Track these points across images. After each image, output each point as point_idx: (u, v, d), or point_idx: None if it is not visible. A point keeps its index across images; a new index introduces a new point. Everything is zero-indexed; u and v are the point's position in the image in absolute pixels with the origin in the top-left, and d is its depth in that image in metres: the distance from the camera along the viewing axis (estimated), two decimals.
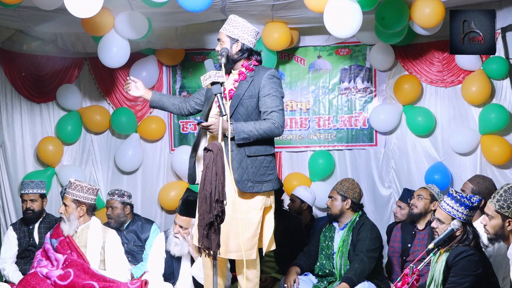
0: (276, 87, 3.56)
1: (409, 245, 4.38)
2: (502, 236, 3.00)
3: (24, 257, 4.79)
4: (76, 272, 4.06)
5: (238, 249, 3.49)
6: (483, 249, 3.53)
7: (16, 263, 4.77)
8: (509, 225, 2.95)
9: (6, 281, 4.59)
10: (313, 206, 5.52)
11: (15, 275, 4.58)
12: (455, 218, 3.33)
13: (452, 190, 3.40)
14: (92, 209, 4.42)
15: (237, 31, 3.58)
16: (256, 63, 3.64)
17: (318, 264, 4.23)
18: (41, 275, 4.08)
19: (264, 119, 3.51)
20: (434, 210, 4.29)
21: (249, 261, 3.56)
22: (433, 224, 3.45)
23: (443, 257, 3.34)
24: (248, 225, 3.51)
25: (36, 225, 4.86)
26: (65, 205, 4.37)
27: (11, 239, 4.82)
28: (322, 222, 4.61)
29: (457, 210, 3.33)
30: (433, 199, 4.41)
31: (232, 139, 3.45)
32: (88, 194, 4.37)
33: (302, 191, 5.36)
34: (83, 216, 4.36)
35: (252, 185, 3.48)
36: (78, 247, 4.27)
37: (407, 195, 4.88)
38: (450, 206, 3.35)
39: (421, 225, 4.40)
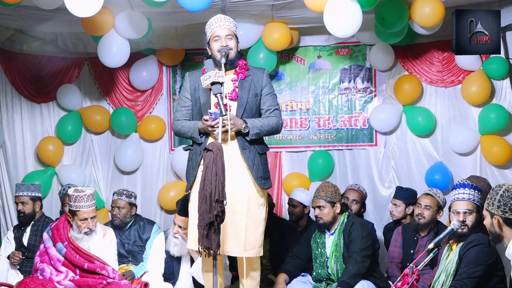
0: (273, 86, 3.74)
1: (412, 251, 4.32)
2: (496, 234, 3.05)
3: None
4: None
5: (252, 246, 3.54)
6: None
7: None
8: (496, 222, 3.02)
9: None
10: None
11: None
12: (476, 204, 3.45)
13: (462, 180, 3.53)
14: None
15: (236, 30, 3.67)
16: (247, 62, 3.72)
17: (314, 274, 4.18)
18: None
19: (269, 116, 3.62)
20: (437, 222, 4.30)
21: (254, 259, 3.61)
22: (462, 218, 3.43)
23: (456, 249, 3.37)
24: (259, 221, 3.59)
25: (28, 228, 4.89)
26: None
27: (9, 239, 4.91)
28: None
29: (477, 197, 3.46)
30: (439, 208, 4.31)
31: (244, 136, 3.51)
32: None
33: (301, 195, 5.25)
34: None
35: (265, 182, 3.60)
36: (84, 250, 4.17)
37: (400, 192, 4.86)
38: (470, 194, 3.46)
39: (424, 232, 4.33)
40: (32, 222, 4.88)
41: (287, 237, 4.79)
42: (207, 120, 3.45)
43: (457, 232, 3.47)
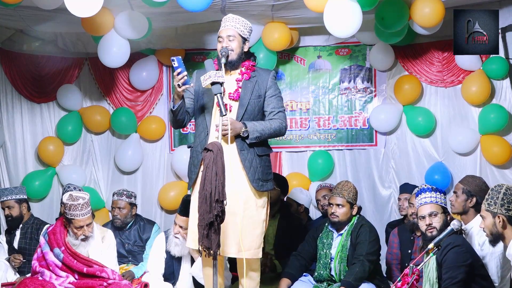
0: (279, 88, 3.69)
1: (409, 251, 4.31)
2: (498, 235, 3.06)
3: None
4: None
5: (249, 248, 3.52)
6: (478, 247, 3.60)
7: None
8: (500, 221, 3.01)
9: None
10: (310, 207, 5.50)
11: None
12: (440, 206, 3.54)
13: (424, 185, 3.66)
14: None
15: (246, 31, 3.62)
16: (254, 63, 3.68)
17: (316, 274, 4.16)
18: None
19: (271, 119, 3.59)
20: None
21: (254, 260, 3.60)
22: (428, 221, 3.50)
23: (433, 256, 3.37)
24: (257, 222, 3.57)
25: (18, 231, 4.86)
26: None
27: (2, 242, 4.92)
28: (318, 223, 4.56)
29: (440, 198, 3.56)
30: None
31: (244, 138, 3.50)
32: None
33: (297, 194, 5.31)
34: None
35: (263, 184, 3.56)
36: (82, 255, 4.13)
37: (406, 186, 4.90)
38: (432, 197, 3.55)
39: (419, 231, 4.34)
40: (21, 225, 4.85)
41: (293, 228, 4.79)
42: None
43: (427, 235, 3.50)
